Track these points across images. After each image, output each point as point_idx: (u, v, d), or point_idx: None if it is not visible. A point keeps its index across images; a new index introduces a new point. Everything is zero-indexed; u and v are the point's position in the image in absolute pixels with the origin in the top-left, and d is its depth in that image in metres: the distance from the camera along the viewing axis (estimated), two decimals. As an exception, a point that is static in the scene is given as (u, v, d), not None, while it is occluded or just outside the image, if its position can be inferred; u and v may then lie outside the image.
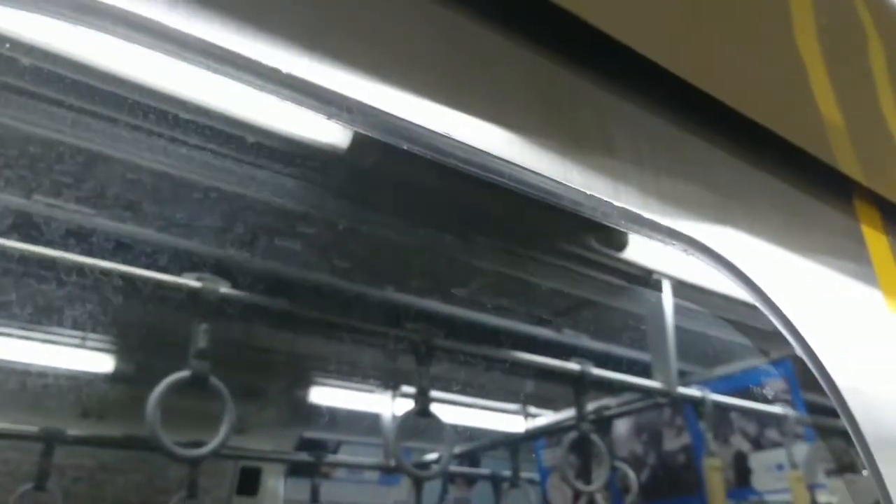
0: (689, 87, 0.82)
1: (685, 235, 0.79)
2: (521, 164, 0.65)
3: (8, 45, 0.77)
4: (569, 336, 2.75)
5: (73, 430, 2.68)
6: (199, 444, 1.65)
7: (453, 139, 0.61)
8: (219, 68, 0.53)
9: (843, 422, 0.91)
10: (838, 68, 0.82)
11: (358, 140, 1.73)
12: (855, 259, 1.01)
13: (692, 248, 0.80)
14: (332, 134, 1.73)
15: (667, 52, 0.77)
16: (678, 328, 2.39)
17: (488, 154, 0.63)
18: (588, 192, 0.70)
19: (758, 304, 0.84)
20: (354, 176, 1.82)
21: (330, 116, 0.57)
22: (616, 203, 0.72)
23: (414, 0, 0.65)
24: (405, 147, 0.58)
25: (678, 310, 2.38)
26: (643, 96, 0.83)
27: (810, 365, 0.87)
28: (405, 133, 0.58)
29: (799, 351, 0.87)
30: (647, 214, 0.75)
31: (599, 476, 2.22)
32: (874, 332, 1.04)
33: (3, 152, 1.52)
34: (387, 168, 1.82)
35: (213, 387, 1.51)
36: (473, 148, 0.62)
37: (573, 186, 0.69)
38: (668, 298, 2.33)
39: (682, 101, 0.84)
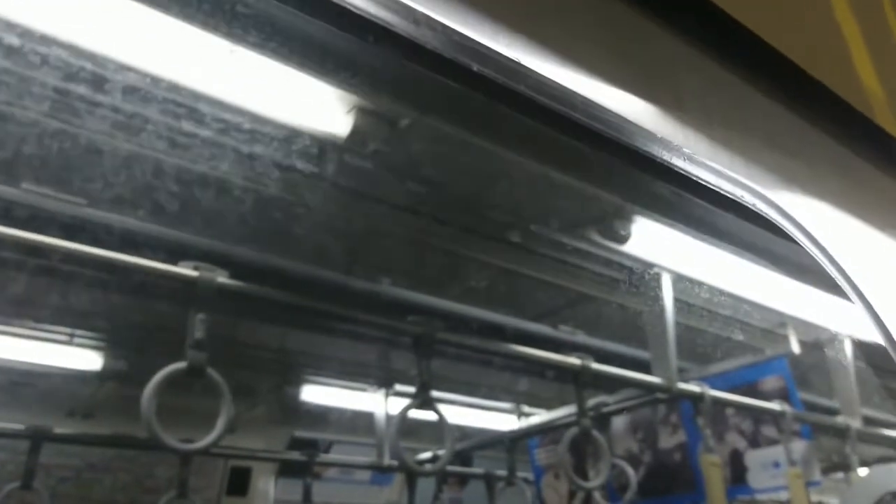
0: (757, 44, 0.80)
1: (756, 190, 0.77)
2: (593, 99, 0.62)
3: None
4: (565, 332, 2.72)
5: (60, 428, 2.62)
6: (186, 443, 1.60)
7: (523, 65, 0.57)
8: None
9: None
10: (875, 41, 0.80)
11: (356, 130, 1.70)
12: None
13: (763, 203, 0.77)
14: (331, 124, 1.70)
15: (738, 2, 0.74)
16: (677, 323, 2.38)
17: (561, 85, 0.60)
18: (659, 135, 0.68)
19: (825, 266, 0.81)
20: (350, 165, 1.79)
21: (399, 30, 0.53)
22: (686, 149, 0.70)
23: None
24: (475, 69, 0.54)
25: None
26: (715, 51, 0.81)
27: (882, 338, 0.84)
28: (476, 54, 0.55)
29: (872, 323, 0.83)
30: (715, 164, 0.73)
31: (600, 472, 2.19)
32: None
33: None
34: (385, 159, 1.79)
35: (211, 378, 1.47)
36: (545, 76, 0.59)
37: (645, 127, 0.67)
38: (667, 293, 2.31)
39: (751, 59, 0.82)
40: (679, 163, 0.70)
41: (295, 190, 1.85)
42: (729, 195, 0.75)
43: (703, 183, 0.73)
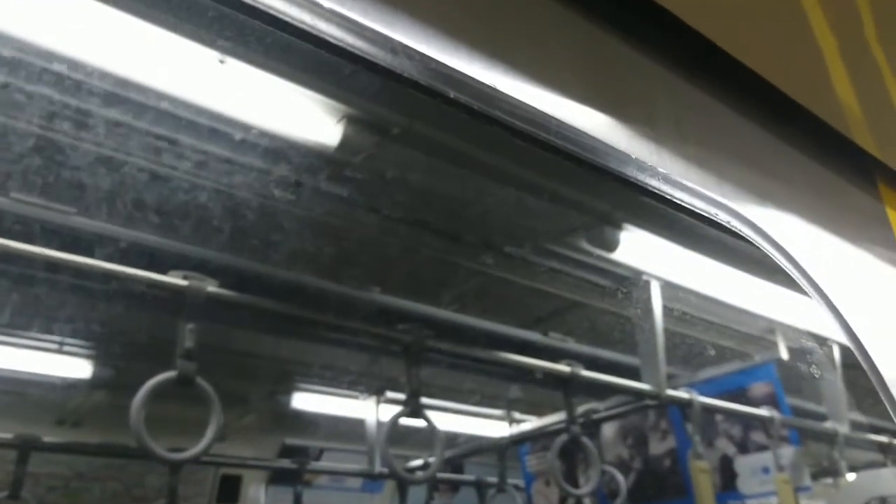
0: (730, 62, 0.81)
1: (729, 207, 0.78)
2: (567, 121, 0.63)
3: None
4: (555, 339, 2.73)
5: (50, 437, 2.61)
6: (177, 451, 1.60)
7: (499, 91, 0.58)
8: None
9: (888, 408, 0.88)
10: (850, 56, 0.82)
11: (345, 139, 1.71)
12: (882, 242, 1.00)
13: (738, 221, 0.78)
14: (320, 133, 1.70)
15: (710, 22, 0.76)
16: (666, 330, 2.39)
17: (536, 108, 0.61)
18: (633, 156, 0.69)
19: (797, 280, 0.83)
20: (341, 174, 1.80)
21: (377, 60, 0.54)
22: (660, 168, 0.71)
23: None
24: (451, 95, 0.55)
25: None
26: (688, 70, 0.82)
27: (855, 350, 0.85)
28: (452, 81, 0.56)
29: (842, 334, 0.85)
30: (689, 183, 0.74)
31: (590, 479, 2.20)
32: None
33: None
34: (374, 167, 1.80)
35: (200, 387, 1.47)
36: (520, 101, 0.60)
37: (619, 148, 0.68)
38: (657, 300, 2.33)
39: (724, 78, 0.83)
40: (653, 182, 0.71)
41: (285, 199, 1.86)
42: (703, 213, 0.77)
43: (678, 201, 0.74)
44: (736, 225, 0.78)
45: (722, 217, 0.77)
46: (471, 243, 2.20)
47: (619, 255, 2.10)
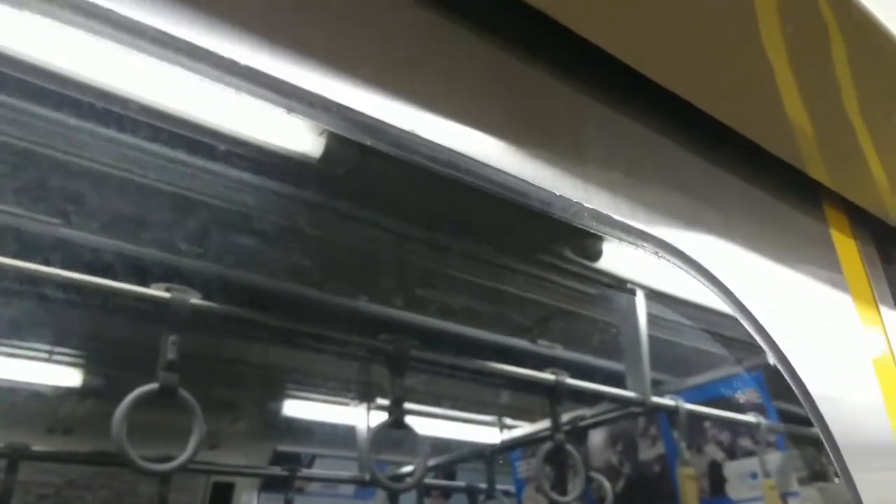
0: (659, 90, 0.82)
1: (657, 238, 0.79)
2: (489, 162, 0.64)
3: None
4: (543, 346, 2.75)
5: (40, 445, 2.62)
6: (168, 459, 1.62)
7: (418, 136, 0.60)
8: (183, 62, 0.52)
9: (816, 428, 0.91)
10: (804, 72, 0.83)
11: (330, 148, 1.72)
12: (825, 264, 1.02)
13: (664, 251, 0.80)
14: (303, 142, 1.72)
15: (637, 53, 0.77)
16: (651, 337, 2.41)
17: (455, 151, 0.62)
18: (558, 193, 0.70)
19: (730, 309, 0.84)
20: (325, 182, 1.82)
21: (291, 111, 0.55)
22: (587, 204, 0.72)
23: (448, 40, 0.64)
24: (369, 143, 0.57)
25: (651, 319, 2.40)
26: (615, 98, 0.83)
27: (783, 370, 0.87)
28: (370, 129, 0.58)
29: (771, 357, 0.87)
30: (617, 216, 0.75)
31: (575, 487, 2.21)
32: (844, 340, 1.04)
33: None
34: (359, 174, 1.82)
35: (183, 399, 1.48)
36: (439, 145, 0.61)
37: (542, 187, 0.69)
38: (641, 308, 2.35)
39: (653, 104, 0.84)
40: (581, 219, 0.72)
41: (269, 209, 1.88)
42: (632, 244, 0.78)
43: (605, 235, 0.75)
44: (665, 255, 0.79)
45: (649, 248, 0.78)
46: (459, 252, 2.22)
47: (603, 264, 2.12)
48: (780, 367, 0.86)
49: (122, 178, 1.66)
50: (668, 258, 0.80)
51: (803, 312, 0.95)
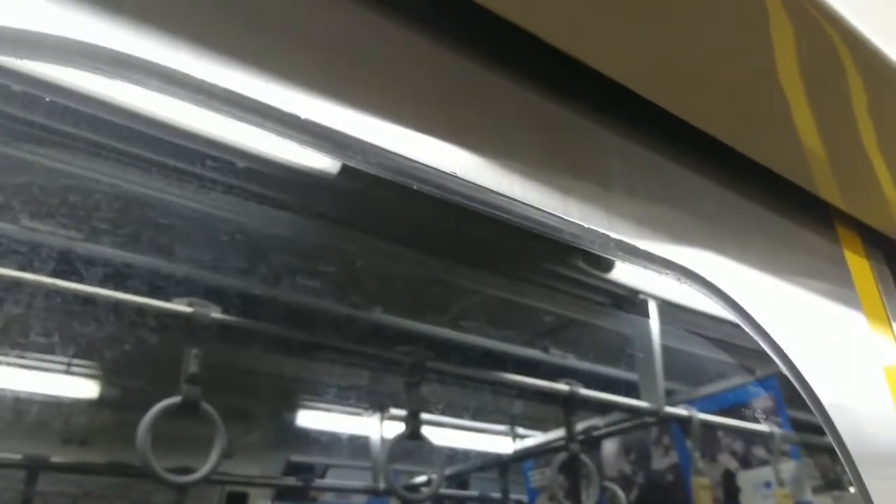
0: (678, 121, 0.84)
1: (677, 265, 0.81)
2: (522, 199, 0.67)
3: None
4: (556, 356, 2.76)
5: (57, 456, 2.64)
6: (185, 470, 1.64)
7: (460, 178, 0.62)
8: (238, 114, 0.54)
9: (829, 438, 0.92)
10: (819, 100, 0.85)
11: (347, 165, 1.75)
12: (838, 282, 1.04)
13: (684, 276, 0.82)
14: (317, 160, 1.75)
15: (654, 86, 0.79)
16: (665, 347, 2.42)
17: (492, 191, 0.65)
18: (586, 226, 0.72)
19: (745, 328, 0.86)
20: (342, 200, 1.84)
21: (345, 159, 0.58)
22: (612, 235, 0.74)
23: (415, 41, 0.66)
24: (415, 187, 0.60)
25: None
26: (637, 131, 0.85)
27: (798, 386, 0.89)
28: (412, 173, 0.60)
29: (787, 373, 0.88)
30: (641, 245, 0.77)
31: (590, 496, 2.22)
32: (857, 352, 1.06)
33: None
34: (375, 192, 1.85)
35: (204, 412, 1.51)
36: (478, 186, 0.64)
37: (572, 220, 0.71)
38: (654, 318, 2.36)
39: (673, 135, 0.87)
40: (606, 249, 0.74)
41: (287, 224, 1.90)
42: (656, 272, 0.80)
43: (629, 262, 0.77)
44: (687, 282, 0.81)
45: (672, 276, 0.80)
46: (475, 264, 2.24)
47: (616, 275, 2.13)
48: (792, 380, 0.87)
49: (136, 193, 1.69)
50: (687, 282, 0.82)
51: (817, 329, 0.97)
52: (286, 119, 0.55)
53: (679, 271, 0.81)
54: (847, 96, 0.83)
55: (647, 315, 2.33)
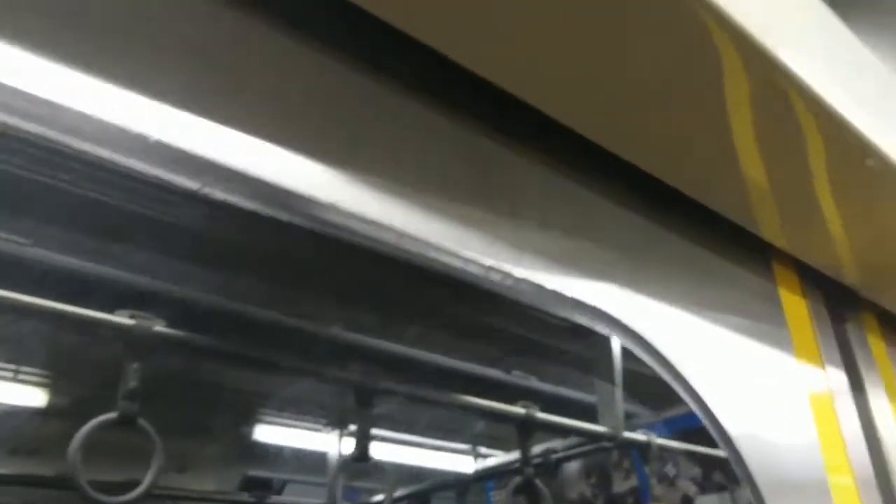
0: (605, 151, 0.82)
1: (588, 305, 0.77)
2: (415, 234, 0.63)
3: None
4: (517, 377, 2.73)
5: (4, 466, 2.56)
6: (135, 483, 1.58)
7: (338, 206, 0.59)
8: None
9: (735, 468, 0.89)
10: (766, 137, 0.82)
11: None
12: (768, 320, 1.01)
13: (595, 317, 0.78)
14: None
15: (579, 115, 0.76)
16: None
17: (376, 223, 0.61)
18: (487, 263, 0.67)
19: (654, 365, 0.83)
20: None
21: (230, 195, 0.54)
22: (516, 272, 0.70)
23: (304, 64, 0.63)
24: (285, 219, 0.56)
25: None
26: (553, 158, 0.82)
27: (704, 419, 0.86)
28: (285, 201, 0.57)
29: (693, 406, 0.86)
30: (549, 285, 0.73)
31: (544, 522, 2.19)
32: (781, 384, 1.02)
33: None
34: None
35: (142, 428, 1.45)
36: (365, 218, 0.60)
37: (468, 257, 0.66)
38: (615, 341, 2.34)
39: (597, 165, 0.83)
40: (509, 289, 0.71)
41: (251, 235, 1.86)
42: (561, 314, 0.77)
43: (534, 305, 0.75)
44: (597, 325, 0.78)
45: (579, 318, 0.77)
46: (441, 283, 2.21)
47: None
48: (699, 413, 0.84)
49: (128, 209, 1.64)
50: (599, 323, 0.78)
51: (735, 365, 0.93)
52: (134, 140, 0.51)
53: (590, 312, 0.77)
54: (796, 134, 0.81)
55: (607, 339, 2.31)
